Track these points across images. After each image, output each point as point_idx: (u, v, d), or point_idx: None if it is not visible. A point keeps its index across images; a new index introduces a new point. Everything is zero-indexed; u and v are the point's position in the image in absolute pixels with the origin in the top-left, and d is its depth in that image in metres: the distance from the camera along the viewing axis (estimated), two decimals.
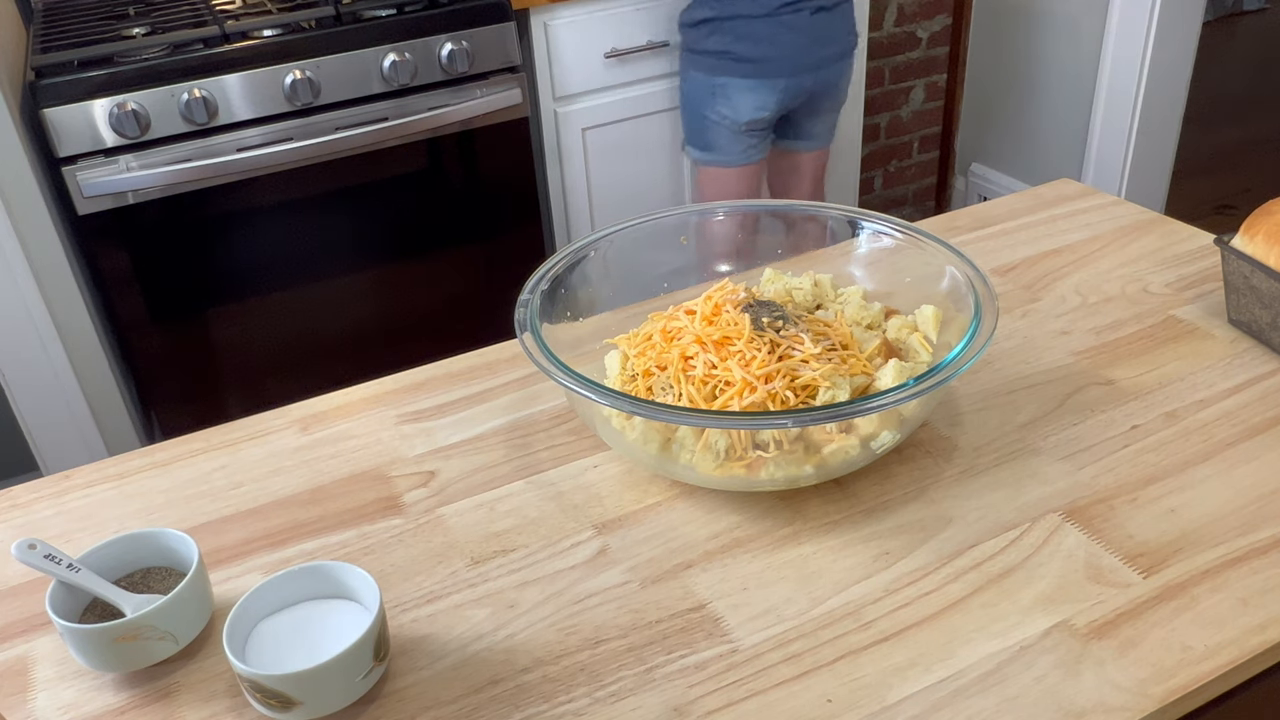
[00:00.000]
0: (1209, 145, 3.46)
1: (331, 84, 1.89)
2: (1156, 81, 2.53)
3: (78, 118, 1.74)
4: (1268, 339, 0.98)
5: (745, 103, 1.99)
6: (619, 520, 0.84)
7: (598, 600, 0.76)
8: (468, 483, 0.89)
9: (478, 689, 0.70)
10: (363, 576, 0.71)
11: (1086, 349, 1.01)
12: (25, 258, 1.76)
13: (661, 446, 0.83)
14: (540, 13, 2.05)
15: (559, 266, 0.94)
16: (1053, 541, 0.79)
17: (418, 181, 2.07)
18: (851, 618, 0.73)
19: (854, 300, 0.96)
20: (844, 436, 0.81)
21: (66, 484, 0.92)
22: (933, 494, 0.84)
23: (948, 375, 0.77)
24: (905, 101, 2.95)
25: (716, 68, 1.98)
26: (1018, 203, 1.29)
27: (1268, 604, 0.72)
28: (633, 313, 0.99)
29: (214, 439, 0.96)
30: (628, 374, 0.89)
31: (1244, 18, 4.67)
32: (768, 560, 0.79)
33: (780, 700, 0.68)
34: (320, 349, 2.11)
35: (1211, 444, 0.87)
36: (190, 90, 1.79)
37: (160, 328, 1.96)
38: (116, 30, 1.91)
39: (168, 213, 1.86)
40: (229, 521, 0.86)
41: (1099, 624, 0.71)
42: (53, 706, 0.71)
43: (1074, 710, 0.66)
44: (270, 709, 0.67)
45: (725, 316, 0.87)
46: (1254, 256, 0.97)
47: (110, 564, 0.75)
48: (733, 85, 1.98)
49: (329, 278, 2.07)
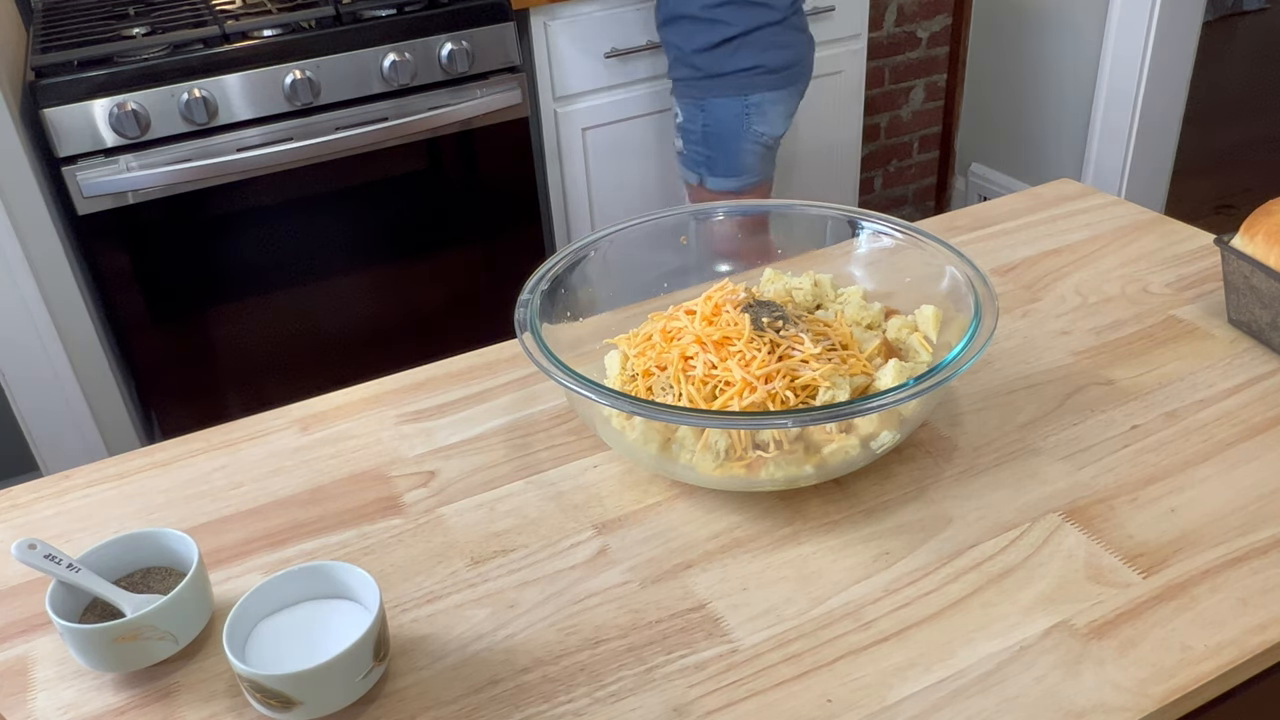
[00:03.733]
0: (1209, 145, 3.46)
1: (331, 84, 1.89)
2: (1156, 81, 2.53)
3: (78, 118, 1.74)
4: (1268, 339, 0.98)
5: (778, 115, 1.92)
6: (619, 520, 0.84)
7: (598, 600, 0.76)
8: (468, 483, 0.89)
9: (478, 689, 0.70)
10: (363, 576, 0.71)
11: (1086, 349, 1.01)
12: (25, 258, 1.76)
13: (661, 446, 0.83)
14: (540, 13, 2.05)
15: (559, 266, 0.94)
16: (1053, 541, 0.79)
17: (418, 181, 2.07)
18: (851, 618, 0.73)
19: (854, 300, 0.96)
20: (844, 436, 0.81)
21: (66, 484, 0.92)
22: (933, 494, 0.84)
23: (948, 375, 0.77)
24: (905, 101, 2.95)
25: (748, 85, 1.88)
26: (1018, 203, 1.29)
27: (1268, 604, 0.72)
28: (633, 313, 0.99)
29: (214, 439, 0.96)
30: (628, 374, 0.89)
31: (1244, 18, 4.67)
32: (768, 560, 0.79)
33: (780, 700, 0.68)
34: (320, 349, 2.11)
35: (1211, 444, 0.87)
36: (190, 90, 1.79)
37: (160, 327, 1.96)
38: (116, 30, 1.91)
39: (168, 213, 1.86)
40: (229, 521, 0.86)
41: (1099, 624, 0.71)
42: (53, 706, 0.71)
43: (1074, 710, 0.66)
44: (270, 709, 0.67)
45: (725, 316, 0.87)
46: (1254, 256, 0.97)
47: (110, 564, 0.75)
48: (767, 100, 1.90)
49: (329, 278, 2.07)
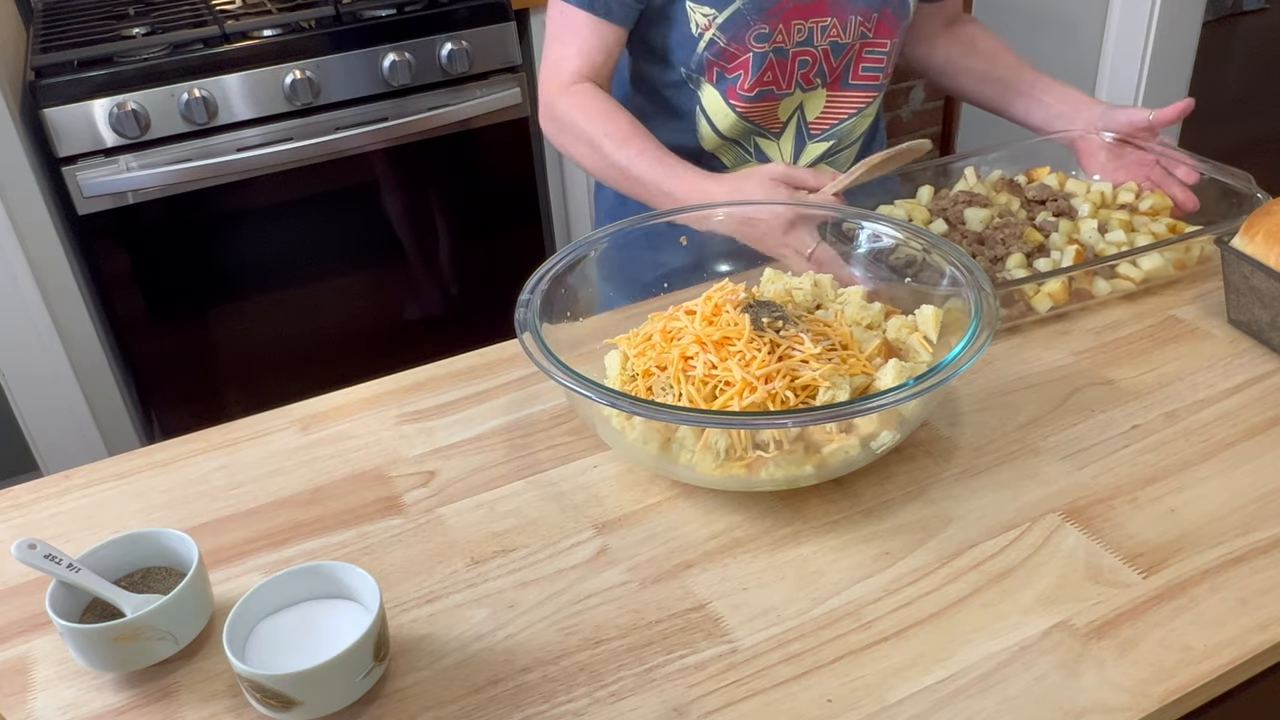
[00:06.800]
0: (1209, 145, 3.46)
1: (331, 84, 1.89)
2: (1156, 81, 2.52)
3: (78, 118, 1.74)
4: (1268, 339, 0.98)
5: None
6: (619, 520, 0.84)
7: (598, 600, 0.76)
8: (468, 483, 0.89)
9: (478, 689, 0.70)
10: (363, 576, 0.71)
11: (1086, 349, 1.01)
12: (25, 258, 1.76)
13: (661, 446, 0.83)
14: (540, 13, 2.05)
15: (559, 266, 0.94)
16: (1053, 541, 0.79)
17: (418, 181, 2.07)
18: (851, 618, 0.73)
19: (854, 300, 0.96)
20: (844, 436, 0.81)
21: (66, 484, 0.92)
22: (933, 494, 0.84)
23: (948, 375, 0.77)
24: (905, 101, 2.95)
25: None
26: None
27: (1268, 604, 0.72)
28: (633, 313, 0.99)
29: (214, 439, 0.96)
30: (628, 374, 0.89)
31: (1244, 18, 4.67)
32: (768, 560, 0.79)
33: (780, 700, 0.68)
34: (320, 349, 2.11)
35: (1211, 444, 0.87)
36: (190, 90, 1.79)
37: (160, 328, 1.96)
38: (116, 30, 1.91)
39: (168, 213, 1.86)
40: (229, 521, 0.86)
41: (1099, 624, 0.71)
42: (53, 706, 0.71)
43: (1074, 710, 0.66)
44: (270, 709, 0.67)
45: (725, 316, 0.87)
46: (1254, 256, 0.97)
47: (110, 564, 0.75)
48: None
49: (329, 277, 2.07)
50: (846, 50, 1.21)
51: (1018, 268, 1.05)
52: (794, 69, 1.20)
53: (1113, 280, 1.06)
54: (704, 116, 1.23)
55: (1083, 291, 1.05)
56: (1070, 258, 1.05)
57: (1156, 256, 1.06)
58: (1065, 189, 1.20)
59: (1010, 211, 1.15)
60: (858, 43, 1.21)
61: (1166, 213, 1.15)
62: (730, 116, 1.22)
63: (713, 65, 1.19)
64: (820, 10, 1.17)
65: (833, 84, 1.23)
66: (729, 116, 1.22)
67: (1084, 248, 1.07)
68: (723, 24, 1.15)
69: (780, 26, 1.16)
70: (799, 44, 1.18)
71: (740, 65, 1.17)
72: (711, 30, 1.15)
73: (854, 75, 1.24)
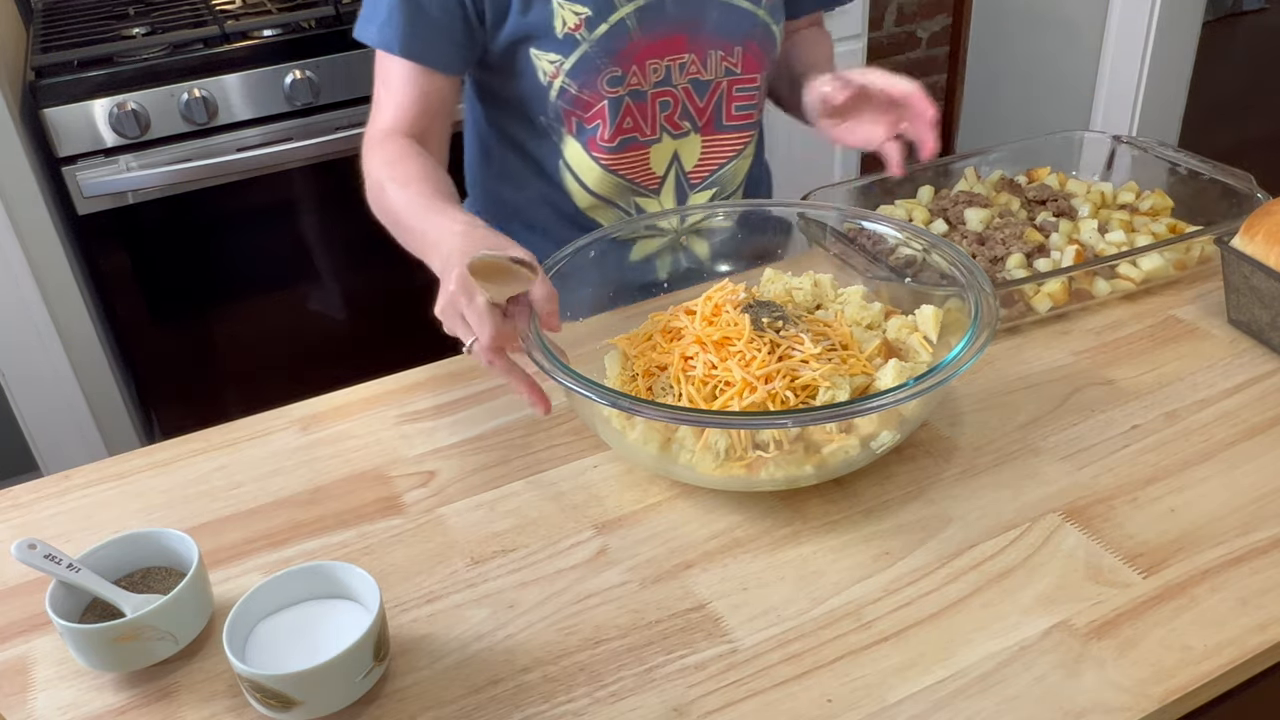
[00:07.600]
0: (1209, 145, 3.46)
1: (331, 84, 1.89)
2: (1156, 81, 2.53)
3: (78, 118, 1.74)
4: (1268, 339, 0.98)
5: None
6: (619, 520, 0.84)
7: (598, 600, 0.76)
8: (468, 483, 0.89)
9: (478, 689, 0.70)
10: (363, 576, 0.71)
11: (1086, 349, 1.01)
12: (25, 258, 1.76)
13: (661, 446, 0.83)
14: None
15: (559, 266, 0.94)
16: (1053, 541, 0.79)
17: None
18: (851, 618, 0.73)
19: (854, 300, 0.96)
20: (844, 436, 0.81)
21: (66, 484, 0.92)
22: (933, 494, 0.84)
23: (948, 375, 0.77)
24: None
25: None
26: None
27: (1268, 604, 0.72)
28: (633, 313, 0.99)
29: (214, 439, 0.96)
30: (628, 374, 0.89)
31: (1244, 18, 4.67)
32: (768, 560, 0.79)
33: (780, 700, 0.68)
34: (320, 349, 2.10)
35: (1211, 444, 0.87)
36: (190, 90, 1.79)
37: (160, 328, 1.96)
38: (116, 30, 1.91)
39: (167, 213, 1.86)
40: (229, 521, 0.86)
41: (1099, 624, 0.71)
42: (53, 706, 0.71)
43: (1074, 710, 0.66)
44: (270, 709, 0.67)
45: (725, 317, 0.87)
46: (1254, 256, 0.97)
47: (110, 564, 0.75)
48: None
49: (328, 278, 2.07)
50: (713, 88, 1.10)
51: (1018, 268, 1.05)
52: (655, 112, 1.09)
53: (1113, 280, 1.06)
54: (570, 173, 1.12)
55: (1083, 291, 1.05)
56: (1070, 258, 1.05)
57: (1156, 256, 1.06)
58: (1065, 189, 1.20)
59: (1010, 211, 1.15)
60: (724, 80, 1.10)
61: (1167, 213, 1.15)
62: (596, 170, 1.10)
63: (569, 115, 1.08)
64: (676, 47, 1.06)
65: (706, 127, 1.13)
66: (594, 170, 1.11)
67: (1084, 248, 1.07)
68: (571, 70, 1.03)
69: (634, 68, 1.05)
70: (657, 84, 1.07)
71: (597, 114, 1.07)
72: (560, 78, 1.04)
73: (727, 116, 1.13)
